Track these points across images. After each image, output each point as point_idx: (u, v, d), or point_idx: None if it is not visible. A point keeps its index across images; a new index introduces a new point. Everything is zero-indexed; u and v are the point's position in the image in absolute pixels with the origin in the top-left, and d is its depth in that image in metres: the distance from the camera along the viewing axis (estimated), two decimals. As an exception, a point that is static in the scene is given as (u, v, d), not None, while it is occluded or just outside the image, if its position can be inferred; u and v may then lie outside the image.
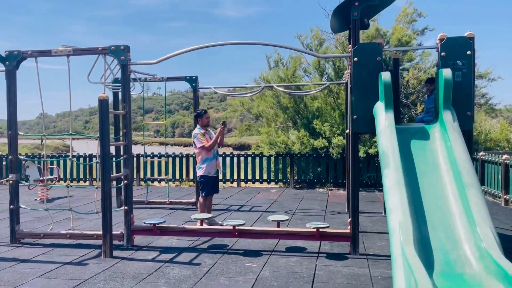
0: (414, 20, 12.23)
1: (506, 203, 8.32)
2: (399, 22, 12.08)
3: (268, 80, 12.49)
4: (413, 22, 12.24)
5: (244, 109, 14.20)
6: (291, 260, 4.92)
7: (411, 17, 12.04)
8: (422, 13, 12.20)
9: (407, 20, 12.22)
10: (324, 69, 12.23)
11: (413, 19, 12.22)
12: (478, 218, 3.45)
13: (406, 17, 12.11)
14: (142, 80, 7.97)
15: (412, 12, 12.15)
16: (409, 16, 12.19)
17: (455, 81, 4.69)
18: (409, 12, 12.12)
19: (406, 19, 12.22)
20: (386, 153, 4.15)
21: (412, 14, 12.20)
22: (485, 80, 12.00)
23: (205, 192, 6.43)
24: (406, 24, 12.17)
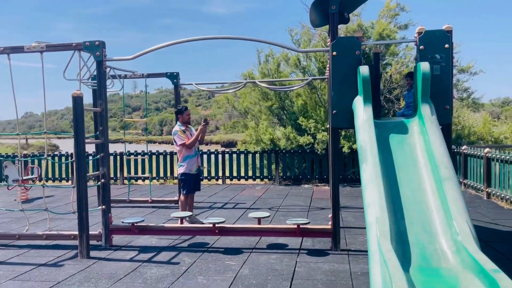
0: (397, 15, 12.24)
1: (488, 196, 8.37)
2: (382, 17, 12.09)
3: (253, 76, 12.42)
4: (396, 17, 12.26)
5: (230, 105, 14.12)
6: (271, 257, 4.87)
7: (394, 12, 12.05)
8: (405, 7, 12.22)
9: (390, 15, 12.23)
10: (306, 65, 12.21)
11: (396, 13, 12.23)
12: (454, 211, 3.42)
13: (389, 12, 12.11)
14: (122, 77, 7.83)
15: (395, 6, 12.16)
16: (392, 11, 12.20)
17: (433, 75, 4.66)
18: (392, 6, 12.13)
19: (389, 13, 12.23)
20: (364, 148, 4.11)
21: (395, 9, 12.21)
22: (467, 74, 12.08)
23: (186, 190, 6.34)
24: (389, 18, 12.18)
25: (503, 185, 7.77)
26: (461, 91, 12.35)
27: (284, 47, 5.72)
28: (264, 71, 12.33)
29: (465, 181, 9.64)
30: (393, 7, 12.11)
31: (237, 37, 5.68)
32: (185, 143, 6.25)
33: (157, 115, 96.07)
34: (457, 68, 12.16)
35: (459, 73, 12.14)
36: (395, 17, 12.21)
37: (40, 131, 5.87)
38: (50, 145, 48.19)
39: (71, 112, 5.00)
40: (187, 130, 6.45)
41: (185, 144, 6.25)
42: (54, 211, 6.58)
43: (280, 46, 5.63)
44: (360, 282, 4.03)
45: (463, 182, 9.74)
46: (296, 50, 5.65)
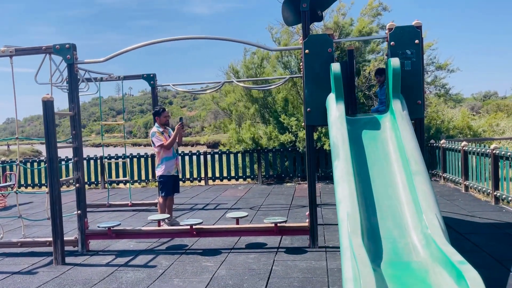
0: (379, 14, 12.36)
1: (466, 189, 8.49)
2: (364, 15, 12.18)
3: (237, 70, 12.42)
4: (378, 16, 12.37)
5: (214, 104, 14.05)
6: (249, 257, 4.86)
7: (377, 11, 12.15)
8: (387, 7, 12.35)
9: (372, 14, 12.33)
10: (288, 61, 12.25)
11: (378, 12, 12.35)
12: (424, 205, 3.46)
13: (371, 11, 12.21)
14: (97, 79, 7.74)
15: (378, 5, 12.26)
16: (374, 10, 12.30)
17: (404, 70, 4.71)
18: (375, 5, 12.23)
19: (371, 12, 12.33)
20: (336, 144, 4.13)
21: (378, 8, 12.31)
22: (444, 71, 12.23)
23: (165, 192, 6.29)
24: (371, 17, 12.27)
25: (479, 177, 7.89)
26: (439, 87, 12.51)
27: (258, 46, 5.72)
28: (248, 65, 12.32)
29: (444, 174, 9.77)
30: (376, 6, 12.21)
31: (211, 37, 5.66)
32: (163, 144, 6.20)
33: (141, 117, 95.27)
34: (434, 65, 12.32)
35: (437, 70, 12.30)
36: (378, 17, 12.32)
37: (13, 137, 5.75)
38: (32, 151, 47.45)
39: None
40: (165, 131, 6.40)
41: (163, 145, 6.20)
42: (30, 218, 6.47)
43: (254, 45, 5.63)
44: (336, 279, 4.04)
45: (443, 176, 9.86)
46: (269, 49, 5.64)
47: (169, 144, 6.24)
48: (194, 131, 67.61)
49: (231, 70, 12.77)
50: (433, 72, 12.35)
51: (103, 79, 7.82)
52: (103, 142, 8.96)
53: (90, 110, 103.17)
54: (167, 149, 6.26)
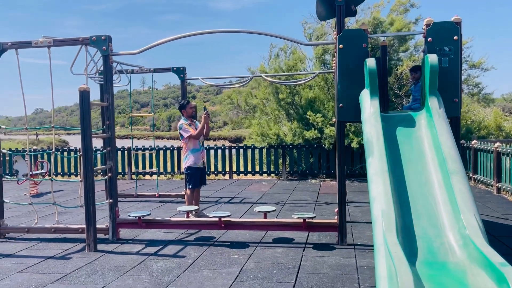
0: (407, 10, 12.14)
1: (498, 191, 8.27)
2: (394, 11, 11.97)
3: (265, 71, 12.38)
4: (406, 12, 12.15)
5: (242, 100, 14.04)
6: (277, 251, 4.86)
7: (405, 7, 11.94)
8: (415, 3, 12.12)
9: (401, 10, 12.12)
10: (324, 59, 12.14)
11: (406, 9, 12.13)
12: (462, 205, 3.38)
13: (400, 7, 12.00)
14: (129, 72, 7.85)
15: (406, 2, 12.04)
16: (402, 7, 12.09)
17: (441, 67, 4.60)
18: (404, 2, 12.01)
19: (399, 9, 12.12)
20: (370, 141, 4.07)
21: (406, 5, 12.09)
22: (478, 70, 11.91)
23: (192, 184, 6.34)
24: (399, 14, 12.07)
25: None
26: (472, 87, 12.19)
27: (290, 40, 5.68)
28: (275, 66, 12.25)
29: (475, 176, 9.54)
30: (405, 2, 11.99)
31: (241, 31, 5.66)
32: (192, 134, 6.24)
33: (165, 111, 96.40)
34: (468, 64, 12.01)
35: (470, 68, 11.98)
36: (406, 13, 12.11)
37: (48, 126, 5.90)
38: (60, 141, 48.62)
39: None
40: (192, 123, 6.46)
41: (192, 135, 6.24)
42: (62, 205, 6.64)
43: (285, 39, 5.60)
44: (366, 276, 4.00)
45: (473, 177, 9.63)
46: (301, 43, 5.61)
47: (198, 133, 6.28)
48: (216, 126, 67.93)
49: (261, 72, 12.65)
50: (466, 71, 12.04)
51: (134, 71, 7.93)
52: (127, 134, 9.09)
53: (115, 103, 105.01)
54: (196, 138, 6.30)
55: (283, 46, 12.53)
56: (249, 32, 5.62)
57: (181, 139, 6.43)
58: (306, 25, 12.45)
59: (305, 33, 12.54)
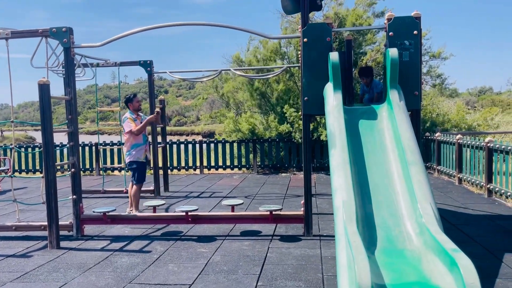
0: (374, 3, 12.33)
1: (460, 182, 8.57)
2: (359, 4, 12.13)
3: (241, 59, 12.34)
4: (373, 5, 12.35)
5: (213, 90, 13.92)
6: (244, 244, 4.89)
7: (370, 1, 12.11)
8: None
9: (367, 3, 12.30)
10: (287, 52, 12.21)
11: (373, 1, 12.31)
12: (419, 194, 3.49)
13: (364, 0, 12.18)
14: (94, 65, 7.68)
15: None
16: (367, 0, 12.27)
17: (402, 61, 4.71)
18: None
19: (366, 1, 12.30)
20: (333, 133, 4.14)
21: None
22: (438, 60, 12.25)
23: (137, 179, 6.22)
24: (366, 7, 12.24)
25: (473, 170, 7.96)
26: (434, 78, 12.53)
27: (256, 33, 5.68)
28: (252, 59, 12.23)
29: (439, 167, 9.84)
30: None
31: (211, 24, 5.62)
32: (131, 130, 6.14)
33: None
34: (429, 55, 12.33)
35: (431, 59, 12.31)
36: (373, 6, 12.30)
37: (5, 121, 5.71)
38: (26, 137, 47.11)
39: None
40: (138, 118, 6.34)
41: (131, 131, 6.13)
42: (24, 202, 6.45)
43: (252, 32, 5.59)
44: (330, 266, 4.08)
45: (437, 169, 9.93)
46: (266, 37, 5.62)
47: (138, 130, 6.16)
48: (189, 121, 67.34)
49: (236, 59, 12.63)
50: (428, 62, 12.36)
51: (100, 65, 7.77)
52: (98, 129, 8.91)
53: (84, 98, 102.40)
54: (136, 135, 6.18)
55: (262, 40, 12.52)
56: (219, 25, 5.59)
57: (123, 132, 6.32)
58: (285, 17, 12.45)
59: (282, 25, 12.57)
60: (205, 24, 5.64)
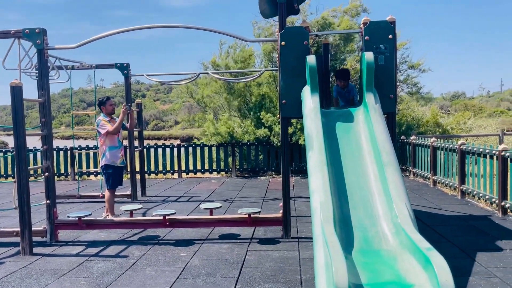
0: (358, 14, 12.55)
1: (434, 184, 8.75)
2: (346, 13, 12.32)
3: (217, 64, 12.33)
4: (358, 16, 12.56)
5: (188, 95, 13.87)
6: (223, 247, 4.86)
7: (356, 11, 12.32)
8: (367, 8, 12.57)
9: (352, 14, 12.51)
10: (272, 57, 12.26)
11: (358, 12, 12.54)
12: (394, 195, 3.55)
13: (351, 10, 12.39)
14: (69, 68, 7.54)
15: (358, 6, 12.43)
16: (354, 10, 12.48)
17: (378, 65, 4.80)
18: (356, 5, 12.39)
19: (351, 12, 12.51)
20: (310, 136, 4.18)
21: (358, 8, 12.49)
22: (416, 71, 12.55)
23: (111, 184, 6.09)
24: (351, 17, 12.45)
25: (447, 172, 8.15)
26: (411, 86, 12.82)
27: (235, 37, 5.69)
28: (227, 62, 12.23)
29: (414, 169, 10.03)
30: (357, 6, 12.37)
31: (187, 26, 5.59)
32: (108, 130, 6.01)
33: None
34: (407, 64, 12.61)
35: (409, 69, 12.60)
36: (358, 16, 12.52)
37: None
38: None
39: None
40: (111, 121, 6.21)
41: (108, 131, 6.00)
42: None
43: (232, 36, 5.60)
44: (308, 268, 4.10)
45: (413, 171, 10.13)
46: (245, 40, 5.63)
47: (115, 128, 6.03)
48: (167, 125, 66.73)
49: (212, 64, 12.62)
50: (406, 71, 12.66)
51: (75, 67, 7.63)
52: (73, 134, 8.74)
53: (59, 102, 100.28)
54: (114, 134, 6.06)
55: (233, 44, 12.56)
56: (195, 28, 5.56)
57: (98, 136, 6.20)
58: (256, 24, 12.55)
59: (255, 32, 12.63)
60: (184, 27, 5.61)
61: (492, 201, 6.37)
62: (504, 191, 6.00)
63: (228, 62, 12.14)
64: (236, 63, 11.91)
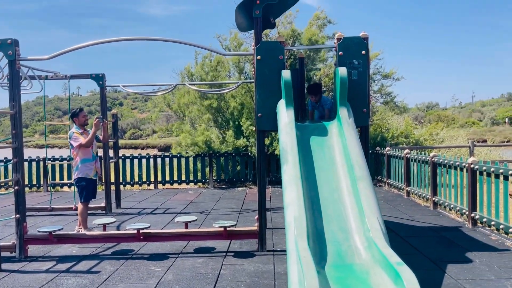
0: (325, 25, 12.78)
1: (408, 195, 8.92)
2: (312, 25, 12.52)
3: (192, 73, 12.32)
4: (324, 27, 12.79)
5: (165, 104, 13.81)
6: (197, 262, 4.82)
7: (322, 22, 12.54)
8: (331, 20, 12.81)
9: (319, 25, 12.73)
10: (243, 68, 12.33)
11: (324, 24, 12.76)
12: (367, 209, 3.61)
13: (317, 21, 12.60)
14: (42, 78, 7.40)
15: (324, 17, 12.66)
16: (320, 21, 12.70)
17: (351, 79, 4.89)
18: (321, 17, 12.61)
19: (317, 23, 12.72)
20: (285, 149, 4.21)
21: (324, 20, 12.71)
22: (390, 80, 12.84)
23: (84, 196, 5.97)
24: (318, 28, 12.66)
25: (420, 183, 8.32)
26: (385, 95, 13.09)
27: (212, 50, 5.72)
28: (201, 72, 12.24)
29: (389, 180, 10.21)
30: (322, 18, 12.60)
31: (164, 39, 5.58)
32: (81, 143, 5.90)
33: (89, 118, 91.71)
34: (381, 74, 12.89)
35: (383, 78, 12.88)
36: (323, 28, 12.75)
37: None
38: (-32, 151, 44.39)
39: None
40: (84, 133, 6.10)
41: (81, 143, 5.90)
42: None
43: (208, 49, 5.62)
44: (282, 282, 4.10)
45: (387, 182, 10.30)
46: (222, 54, 5.68)
47: (88, 141, 5.91)
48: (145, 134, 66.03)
49: (187, 73, 12.64)
50: (380, 81, 12.93)
51: (48, 78, 7.49)
52: (47, 143, 8.55)
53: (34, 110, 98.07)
54: (86, 147, 5.94)
55: (207, 54, 12.57)
56: (172, 41, 5.55)
57: (71, 148, 6.08)
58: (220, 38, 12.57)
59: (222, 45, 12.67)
60: (160, 40, 5.60)
61: (463, 212, 6.54)
62: (474, 202, 6.17)
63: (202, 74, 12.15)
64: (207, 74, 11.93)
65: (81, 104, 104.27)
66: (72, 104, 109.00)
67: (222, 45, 12.69)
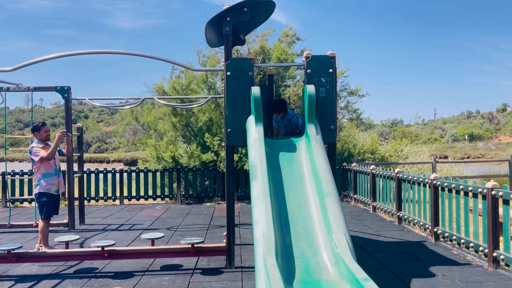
0: (293, 42, 13.02)
1: (374, 210, 9.10)
2: (281, 42, 12.74)
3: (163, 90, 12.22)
4: (293, 44, 13.03)
5: (133, 119, 13.63)
6: (164, 279, 4.72)
7: (291, 39, 12.79)
8: (300, 37, 13.08)
9: (288, 42, 12.97)
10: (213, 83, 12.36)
11: (293, 41, 13.01)
12: (334, 225, 3.65)
13: (286, 38, 12.83)
14: (4, 89, 7.16)
15: (293, 35, 12.91)
16: (289, 38, 12.94)
17: (319, 97, 4.99)
18: (290, 34, 12.86)
19: (286, 40, 12.96)
20: (254, 165, 4.23)
21: (292, 37, 12.96)
22: (356, 96, 13.18)
23: (45, 213, 5.74)
24: (287, 45, 12.89)
25: (385, 199, 8.51)
26: (352, 112, 13.41)
27: (181, 65, 5.71)
28: (175, 86, 12.16)
29: (355, 196, 10.39)
30: (291, 35, 12.84)
31: (135, 53, 5.53)
32: (42, 156, 5.69)
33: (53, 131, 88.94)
34: (347, 91, 13.22)
35: (349, 95, 13.20)
36: (292, 44, 12.98)
37: None
38: None
39: None
40: (45, 148, 5.88)
41: (42, 157, 5.68)
42: None
43: (178, 64, 5.61)
44: (251, 299, 4.07)
45: (354, 197, 10.48)
46: (192, 69, 5.67)
47: (49, 154, 5.70)
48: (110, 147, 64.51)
49: (158, 89, 12.51)
50: (346, 98, 13.25)
51: (10, 89, 7.24)
52: (7, 157, 8.22)
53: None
54: (48, 159, 5.73)
55: (183, 70, 12.54)
56: (143, 55, 5.51)
57: (32, 164, 5.85)
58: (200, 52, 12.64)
59: (200, 60, 12.71)
60: (130, 54, 5.55)
61: (426, 227, 6.73)
62: (436, 217, 6.36)
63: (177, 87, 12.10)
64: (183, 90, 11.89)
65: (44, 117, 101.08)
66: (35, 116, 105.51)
67: (200, 60, 12.71)
